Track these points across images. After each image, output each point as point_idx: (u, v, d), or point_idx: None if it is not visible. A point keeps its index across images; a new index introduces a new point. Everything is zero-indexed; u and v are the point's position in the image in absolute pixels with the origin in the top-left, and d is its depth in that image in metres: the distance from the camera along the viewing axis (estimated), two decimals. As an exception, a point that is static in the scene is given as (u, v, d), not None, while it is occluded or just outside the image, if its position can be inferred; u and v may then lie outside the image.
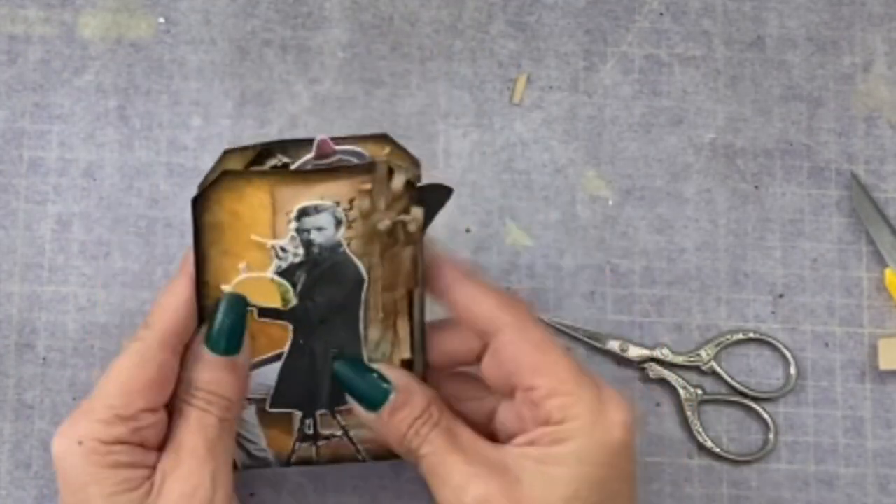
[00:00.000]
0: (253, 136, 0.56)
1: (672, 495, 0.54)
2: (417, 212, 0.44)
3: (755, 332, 0.55)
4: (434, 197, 0.44)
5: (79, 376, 0.54)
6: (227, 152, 0.44)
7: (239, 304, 0.44)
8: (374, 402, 0.44)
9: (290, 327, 0.45)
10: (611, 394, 0.43)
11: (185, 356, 0.44)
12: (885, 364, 0.54)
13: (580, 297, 0.55)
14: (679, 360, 0.54)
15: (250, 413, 0.46)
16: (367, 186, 0.43)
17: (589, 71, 0.57)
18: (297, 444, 0.46)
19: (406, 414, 0.44)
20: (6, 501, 0.53)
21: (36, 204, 0.55)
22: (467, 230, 0.55)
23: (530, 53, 0.57)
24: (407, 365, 0.46)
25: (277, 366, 0.45)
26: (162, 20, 0.57)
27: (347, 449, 0.47)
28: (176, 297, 0.44)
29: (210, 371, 0.43)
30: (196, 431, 0.43)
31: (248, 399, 0.46)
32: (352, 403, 0.45)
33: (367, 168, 0.43)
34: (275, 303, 0.44)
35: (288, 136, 0.56)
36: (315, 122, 0.56)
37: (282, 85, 0.57)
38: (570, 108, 0.57)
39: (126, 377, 0.43)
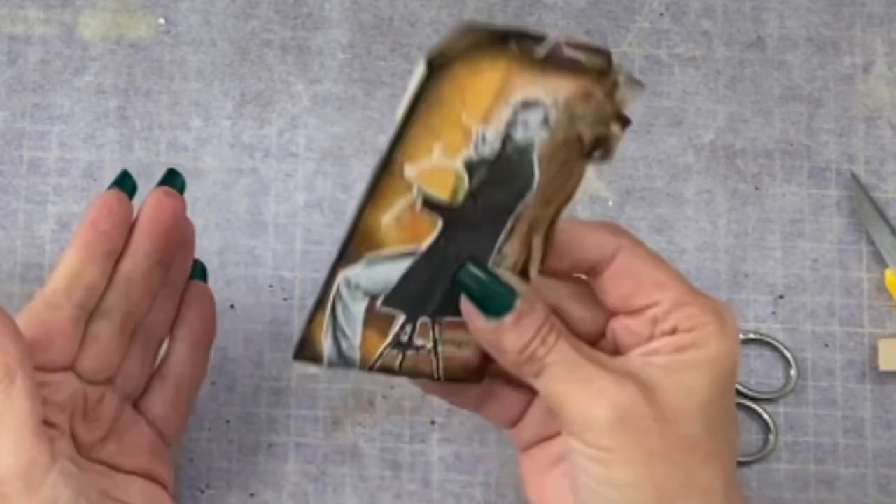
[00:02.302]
0: (253, 136, 0.56)
1: (672, 496, 0.54)
2: (617, 129, 0.41)
3: (755, 333, 0.55)
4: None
5: (79, 377, 0.54)
6: (464, 24, 0.40)
7: None
8: (499, 308, 0.41)
9: (439, 224, 0.42)
10: (722, 303, 0.43)
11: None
12: (885, 364, 0.54)
13: (580, 297, 0.55)
14: (679, 360, 0.54)
15: (360, 307, 0.43)
16: (592, 91, 0.41)
17: (589, 71, 0.57)
18: (387, 350, 0.44)
19: (532, 321, 0.41)
20: None
21: (36, 204, 0.55)
22: (467, 231, 0.55)
23: (530, 54, 0.57)
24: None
25: (408, 263, 0.43)
26: (162, 21, 0.57)
27: (427, 364, 0.44)
28: (68, 257, 0.45)
29: None
30: None
31: (365, 292, 0.43)
32: (469, 313, 0.42)
33: (597, 74, 0.41)
34: (445, 194, 0.41)
35: (288, 136, 0.56)
36: (315, 122, 0.56)
37: (282, 85, 0.57)
38: (570, 108, 0.57)
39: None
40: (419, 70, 0.39)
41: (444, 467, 0.54)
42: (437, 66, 0.39)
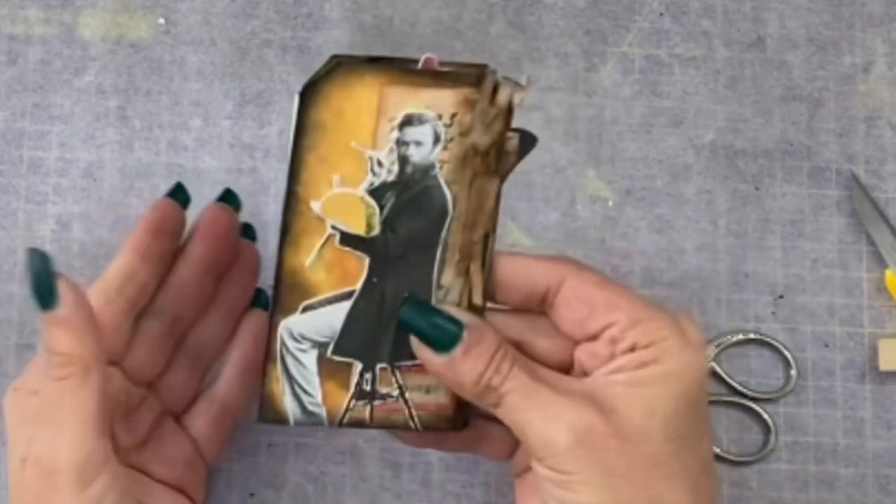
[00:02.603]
0: (253, 136, 0.56)
1: (672, 496, 0.54)
2: (515, 136, 0.42)
3: (755, 333, 0.55)
4: (523, 141, 0.43)
5: (79, 377, 0.54)
6: (335, 57, 0.42)
7: (38, 257, 0.41)
8: (446, 341, 0.41)
9: (367, 262, 0.43)
10: (684, 316, 0.43)
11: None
12: (885, 364, 0.54)
13: (580, 297, 0.55)
14: (679, 360, 0.54)
15: (311, 359, 0.44)
16: (474, 98, 0.42)
17: (589, 71, 0.57)
18: (353, 402, 0.44)
19: (482, 350, 0.41)
20: (6, 502, 0.53)
21: (36, 204, 0.55)
22: (467, 231, 0.55)
23: (530, 54, 0.57)
24: (477, 311, 0.44)
25: (346, 306, 0.43)
26: (162, 21, 0.57)
27: (401, 414, 0.45)
28: (122, 256, 0.45)
29: (45, 329, 0.42)
30: (47, 389, 0.42)
31: (311, 342, 0.44)
32: (420, 351, 0.42)
33: (475, 80, 0.42)
34: (359, 226, 0.43)
35: (288, 136, 0.56)
36: (315, 123, 0.56)
37: (282, 85, 0.57)
38: (570, 108, 0.57)
39: None
40: (295, 101, 0.41)
41: (444, 467, 0.54)
42: (309, 92, 0.41)
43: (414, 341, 0.43)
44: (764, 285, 0.55)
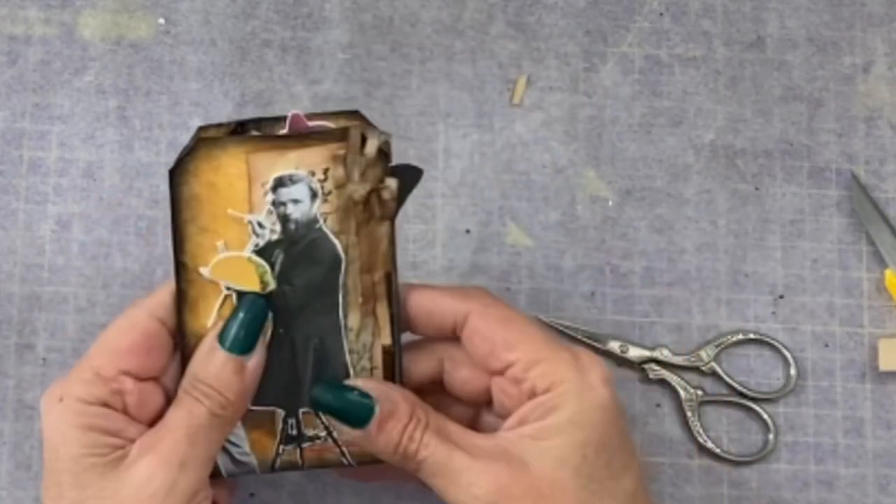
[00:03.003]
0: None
1: (672, 495, 0.54)
2: (392, 182, 0.44)
3: (755, 333, 0.55)
4: (406, 177, 0.44)
5: (79, 377, 0.54)
6: (201, 128, 0.44)
7: (257, 304, 0.44)
8: (360, 419, 0.43)
9: (270, 315, 0.44)
10: (585, 354, 0.44)
11: (193, 349, 0.44)
12: (885, 364, 0.54)
13: (580, 297, 0.55)
14: (679, 360, 0.54)
15: None
16: (341, 152, 0.43)
17: (589, 71, 0.57)
18: (281, 447, 0.45)
19: (395, 423, 0.43)
20: (6, 502, 0.53)
21: (36, 204, 0.55)
22: (467, 231, 0.55)
23: (530, 54, 0.57)
24: (388, 352, 0.45)
25: None
26: (162, 21, 0.57)
27: (333, 452, 0.46)
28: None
29: (215, 366, 0.43)
30: (182, 417, 0.43)
31: None
32: (336, 426, 0.44)
33: (340, 135, 0.43)
34: (253, 284, 0.44)
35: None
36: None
37: (282, 85, 0.57)
38: (570, 108, 0.57)
39: (111, 338, 0.44)
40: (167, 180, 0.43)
41: (444, 467, 0.54)
42: (177, 171, 0.43)
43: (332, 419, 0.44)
44: (764, 285, 0.55)
